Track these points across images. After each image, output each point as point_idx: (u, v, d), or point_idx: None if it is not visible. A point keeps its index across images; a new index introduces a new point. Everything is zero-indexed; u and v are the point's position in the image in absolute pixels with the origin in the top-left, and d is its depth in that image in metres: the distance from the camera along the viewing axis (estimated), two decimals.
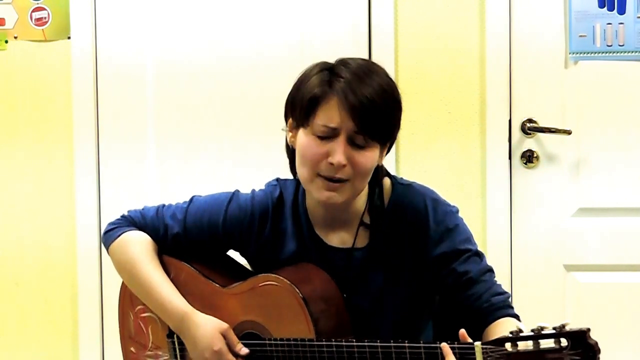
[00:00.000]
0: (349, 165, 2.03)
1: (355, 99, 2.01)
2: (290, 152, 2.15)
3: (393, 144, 2.15)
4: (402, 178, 2.20)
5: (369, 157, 2.05)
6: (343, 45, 3.34)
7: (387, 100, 2.04)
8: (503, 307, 2.10)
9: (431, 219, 2.12)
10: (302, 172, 2.08)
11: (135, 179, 3.43)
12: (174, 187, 3.40)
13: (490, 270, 2.16)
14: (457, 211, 2.18)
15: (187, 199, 2.27)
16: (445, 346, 1.91)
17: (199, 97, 3.41)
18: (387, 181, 2.18)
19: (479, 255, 2.15)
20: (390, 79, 2.10)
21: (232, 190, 2.26)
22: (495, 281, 2.15)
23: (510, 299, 2.14)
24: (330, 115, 2.03)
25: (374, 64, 2.14)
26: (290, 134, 2.13)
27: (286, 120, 2.14)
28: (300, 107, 2.07)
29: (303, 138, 2.07)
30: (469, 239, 2.16)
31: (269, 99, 3.31)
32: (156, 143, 3.43)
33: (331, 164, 2.02)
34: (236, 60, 3.39)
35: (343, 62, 2.09)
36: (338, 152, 2.02)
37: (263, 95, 3.36)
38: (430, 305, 2.24)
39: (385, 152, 2.12)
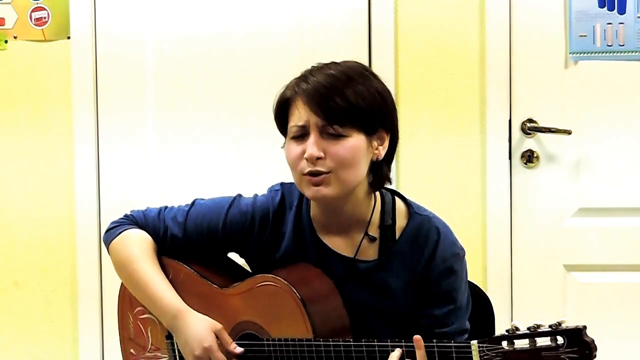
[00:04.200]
0: (327, 157, 2.02)
1: (313, 90, 2.02)
2: None
3: (394, 137, 2.13)
4: (418, 206, 2.17)
5: (346, 146, 2.03)
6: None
7: (348, 82, 2.03)
8: None
9: (438, 254, 2.11)
10: (293, 177, 2.10)
11: (136, 179, 3.44)
12: (174, 180, 3.42)
13: (466, 331, 2.14)
14: (464, 255, 2.16)
15: (190, 202, 2.26)
16: (418, 339, 1.93)
17: (200, 90, 3.41)
18: (400, 204, 2.16)
19: (463, 312, 2.14)
20: (365, 67, 2.10)
21: (234, 194, 2.25)
22: None
23: None
24: (298, 114, 2.04)
25: (351, 62, 2.11)
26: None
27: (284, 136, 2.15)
28: (276, 117, 2.11)
29: (286, 145, 2.09)
30: (462, 289, 2.14)
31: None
32: (157, 141, 3.43)
33: (306, 159, 2.02)
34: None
35: (317, 66, 2.09)
36: (309, 146, 2.02)
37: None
38: None
39: (382, 145, 2.10)
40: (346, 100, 2.01)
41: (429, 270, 2.11)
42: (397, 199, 2.17)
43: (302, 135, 2.04)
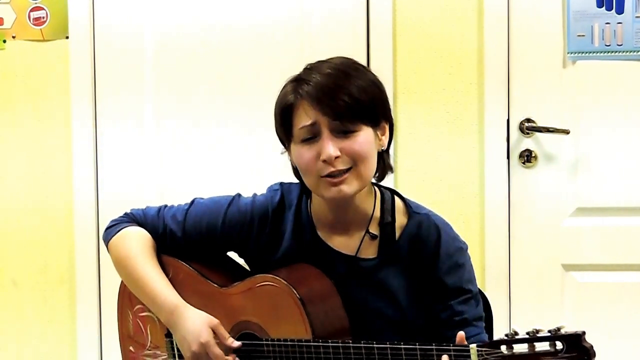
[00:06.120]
0: (344, 154, 2.03)
1: (316, 91, 2.02)
2: (297, 172, 2.16)
3: (392, 126, 2.13)
4: (417, 205, 2.18)
5: (359, 141, 2.03)
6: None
7: (350, 76, 2.04)
8: None
9: (443, 251, 2.11)
10: (307, 181, 2.09)
11: (134, 178, 3.44)
12: (174, 178, 3.43)
13: (482, 318, 2.17)
14: (467, 248, 2.17)
15: (189, 201, 2.27)
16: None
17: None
18: (399, 203, 2.17)
19: (477, 300, 2.16)
20: (355, 61, 2.10)
21: (234, 192, 2.25)
22: (484, 330, 2.16)
23: None
24: (305, 116, 2.04)
25: (342, 58, 2.12)
26: (290, 155, 2.13)
27: (283, 145, 2.15)
28: (279, 123, 2.10)
29: (294, 151, 2.08)
30: (472, 280, 2.16)
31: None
32: (155, 142, 3.43)
33: (324, 161, 2.02)
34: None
35: (310, 67, 2.10)
36: (325, 147, 2.02)
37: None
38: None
39: (384, 135, 2.11)
40: (350, 96, 2.02)
41: (436, 269, 2.11)
42: (396, 198, 2.18)
43: (312, 137, 2.04)
